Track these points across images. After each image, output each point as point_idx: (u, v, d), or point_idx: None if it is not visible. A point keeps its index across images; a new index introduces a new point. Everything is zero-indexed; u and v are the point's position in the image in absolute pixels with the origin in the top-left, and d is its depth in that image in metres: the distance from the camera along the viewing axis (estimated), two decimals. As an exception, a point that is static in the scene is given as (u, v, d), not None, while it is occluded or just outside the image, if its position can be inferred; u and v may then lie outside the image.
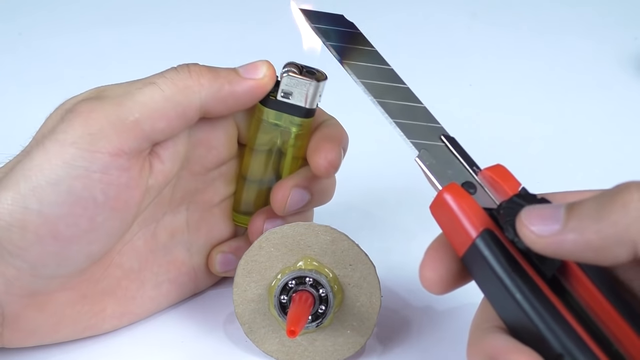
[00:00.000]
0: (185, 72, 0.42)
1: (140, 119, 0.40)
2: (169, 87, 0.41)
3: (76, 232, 0.40)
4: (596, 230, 0.30)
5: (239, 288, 0.43)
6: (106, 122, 0.40)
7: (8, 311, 0.40)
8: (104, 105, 0.40)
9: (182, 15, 0.89)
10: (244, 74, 0.43)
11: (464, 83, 0.76)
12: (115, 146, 0.40)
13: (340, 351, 0.43)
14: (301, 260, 0.43)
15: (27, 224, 0.39)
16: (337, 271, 0.43)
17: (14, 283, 0.40)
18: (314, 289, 0.42)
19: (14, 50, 0.81)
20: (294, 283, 0.43)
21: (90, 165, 0.39)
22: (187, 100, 0.42)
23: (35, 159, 0.39)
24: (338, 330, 0.43)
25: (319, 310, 0.43)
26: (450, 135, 0.40)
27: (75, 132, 0.39)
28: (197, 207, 0.46)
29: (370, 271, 0.43)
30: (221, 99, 0.42)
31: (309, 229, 0.43)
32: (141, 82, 0.42)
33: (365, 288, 0.43)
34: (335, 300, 0.43)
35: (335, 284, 0.43)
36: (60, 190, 0.39)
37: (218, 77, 0.42)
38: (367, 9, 0.90)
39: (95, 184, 0.40)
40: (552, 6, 0.91)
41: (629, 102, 0.73)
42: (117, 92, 0.41)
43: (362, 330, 0.43)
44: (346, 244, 0.42)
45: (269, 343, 0.44)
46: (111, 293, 0.44)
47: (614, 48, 0.81)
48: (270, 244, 0.43)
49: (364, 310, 0.43)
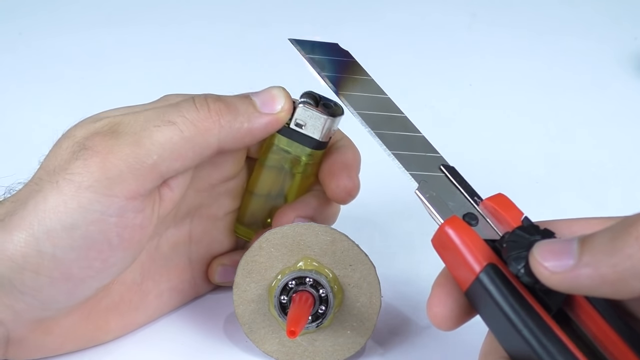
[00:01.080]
0: (205, 112, 0.41)
1: (158, 161, 0.39)
2: (188, 129, 0.40)
3: (89, 273, 0.40)
4: (611, 264, 0.30)
5: (239, 288, 0.43)
6: (124, 166, 0.39)
7: (14, 335, 0.40)
8: (121, 146, 0.39)
9: (182, 15, 0.89)
10: (262, 108, 0.42)
11: (464, 83, 0.76)
12: (132, 190, 0.39)
13: (340, 351, 0.43)
14: (301, 260, 0.43)
15: (40, 268, 0.38)
16: (337, 271, 0.43)
17: (23, 314, 0.40)
18: (314, 290, 0.42)
19: (14, 50, 0.81)
20: (294, 283, 0.42)
21: (107, 210, 0.38)
22: (205, 142, 0.41)
23: (49, 200, 0.38)
24: (338, 330, 0.43)
25: (319, 311, 0.43)
26: (449, 164, 0.40)
27: (92, 175, 0.38)
28: (200, 220, 0.46)
29: (371, 272, 0.42)
30: (239, 138, 0.42)
31: (309, 229, 0.42)
32: (159, 119, 0.40)
33: (365, 288, 0.43)
34: (335, 301, 0.43)
35: (335, 285, 0.43)
36: (76, 235, 0.38)
37: (237, 115, 0.41)
38: (367, 10, 0.90)
39: (110, 227, 0.39)
40: (552, 6, 0.91)
41: (628, 102, 0.73)
42: (134, 127, 0.40)
43: (362, 331, 0.43)
44: (346, 244, 0.42)
45: (269, 343, 0.44)
46: (114, 308, 0.44)
47: (613, 48, 0.81)
48: (270, 245, 0.43)
49: (364, 311, 0.43)
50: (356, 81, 0.44)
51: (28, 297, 0.39)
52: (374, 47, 0.81)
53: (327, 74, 0.43)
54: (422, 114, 0.69)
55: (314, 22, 0.86)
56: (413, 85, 0.74)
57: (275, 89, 0.43)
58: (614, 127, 0.69)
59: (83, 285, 0.40)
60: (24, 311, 0.39)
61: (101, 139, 0.39)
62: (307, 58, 0.44)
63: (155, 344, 0.45)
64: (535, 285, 0.32)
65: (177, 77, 0.74)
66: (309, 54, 0.44)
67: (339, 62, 0.44)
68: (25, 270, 0.38)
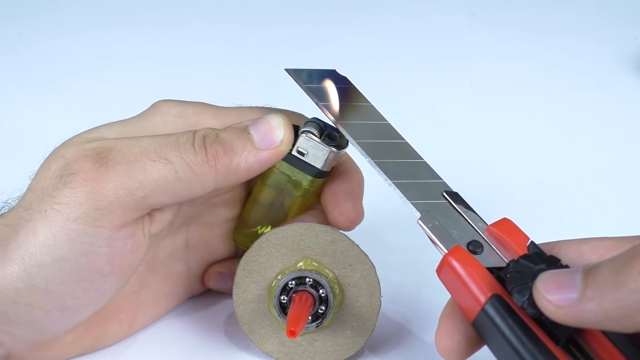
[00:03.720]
0: (202, 155, 0.39)
1: (149, 195, 0.38)
2: (184, 171, 0.39)
3: (83, 302, 0.39)
4: (615, 299, 0.29)
5: (239, 288, 0.43)
6: (114, 197, 0.38)
7: (14, 353, 0.40)
8: (112, 176, 0.38)
9: (182, 16, 0.89)
10: (261, 143, 0.40)
11: (464, 83, 0.76)
12: (120, 220, 0.38)
13: (340, 351, 0.43)
14: (301, 260, 0.42)
15: (34, 301, 0.38)
16: (337, 271, 0.42)
17: (21, 338, 0.39)
18: (314, 289, 0.42)
19: (15, 51, 0.81)
20: (294, 283, 0.42)
21: (95, 241, 0.38)
22: (201, 185, 0.40)
23: (39, 233, 0.37)
24: (338, 330, 0.43)
25: (319, 311, 0.43)
26: (452, 191, 0.39)
27: (80, 207, 0.37)
28: (197, 228, 0.46)
29: (371, 271, 0.42)
30: (236, 177, 0.41)
31: (309, 229, 0.42)
32: (156, 153, 0.39)
33: (366, 288, 0.43)
34: (335, 301, 0.42)
35: (335, 284, 0.43)
36: (66, 268, 0.38)
37: (234, 156, 0.40)
38: (367, 10, 0.90)
39: (101, 257, 0.38)
40: (552, 6, 0.91)
41: (628, 102, 0.73)
42: (127, 156, 0.39)
43: (362, 331, 0.43)
44: (346, 244, 0.42)
45: (269, 343, 0.44)
46: (113, 318, 0.44)
47: (613, 48, 0.81)
48: (270, 245, 0.42)
49: (364, 311, 0.43)
50: (355, 108, 0.43)
51: (24, 326, 0.39)
52: (374, 47, 0.81)
53: (325, 104, 0.42)
54: (422, 114, 0.70)
55: (314, 24, 0.86)
56: (413, 85, 0.74)
57: (274, 119, 0.41)
58: (614, 127, 0.69)
59: (78, 313, 0.40)
60: (22, 336, 0.39)
61: (91, 165, 0.38)
62: (304, 88, 0.43)
63: (155, 345, 0.45)
64: (541, 317, 0.32)
65: (178, 78, 0.74)
66: (306, 83, 0.43)
67: (337, 89, 0.43)
68: (19, 304, 0.38)
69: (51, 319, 0.39)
